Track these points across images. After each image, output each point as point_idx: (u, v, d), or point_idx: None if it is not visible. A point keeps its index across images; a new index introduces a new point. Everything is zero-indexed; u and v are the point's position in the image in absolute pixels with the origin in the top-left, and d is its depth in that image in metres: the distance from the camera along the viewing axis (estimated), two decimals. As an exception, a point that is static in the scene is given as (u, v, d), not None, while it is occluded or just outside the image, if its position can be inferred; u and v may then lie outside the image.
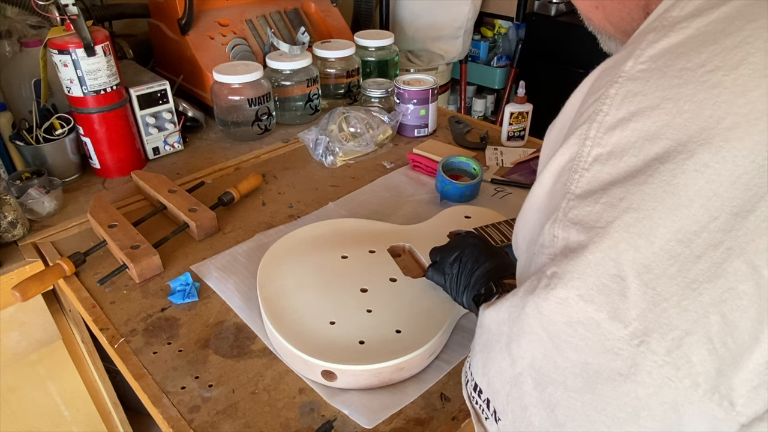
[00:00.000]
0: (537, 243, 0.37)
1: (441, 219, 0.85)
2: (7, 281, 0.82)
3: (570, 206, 0.34)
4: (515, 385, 0.37)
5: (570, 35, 2.03)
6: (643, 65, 0.33)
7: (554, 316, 0.33)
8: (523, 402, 0.37)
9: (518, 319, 0.36)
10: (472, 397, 0.44)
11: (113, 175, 1.05)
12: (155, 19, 1.29)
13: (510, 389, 0.38)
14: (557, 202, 0.35)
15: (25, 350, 0.90)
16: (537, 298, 0.34)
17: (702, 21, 0.32)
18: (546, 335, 0.34)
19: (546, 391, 0.35)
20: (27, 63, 1.04)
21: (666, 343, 0.30)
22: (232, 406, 0.62)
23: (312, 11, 1.42)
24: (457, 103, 2.38)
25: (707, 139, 0.30)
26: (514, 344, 0.37)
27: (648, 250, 0.30)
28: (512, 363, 0.37)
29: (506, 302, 0.38)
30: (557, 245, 0.34)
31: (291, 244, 0.78)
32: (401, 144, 1.18)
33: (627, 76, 0.33)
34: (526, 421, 0.37)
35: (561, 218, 0.34)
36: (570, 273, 0.33)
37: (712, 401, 0.30)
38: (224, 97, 1.13)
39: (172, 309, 0.75)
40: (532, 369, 0.36)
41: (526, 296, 0.35)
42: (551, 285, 0.33)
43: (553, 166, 0.37)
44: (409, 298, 0.70)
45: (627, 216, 0.31)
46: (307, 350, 0.62)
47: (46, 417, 0.98)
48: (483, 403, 0.42)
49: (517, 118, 1.14)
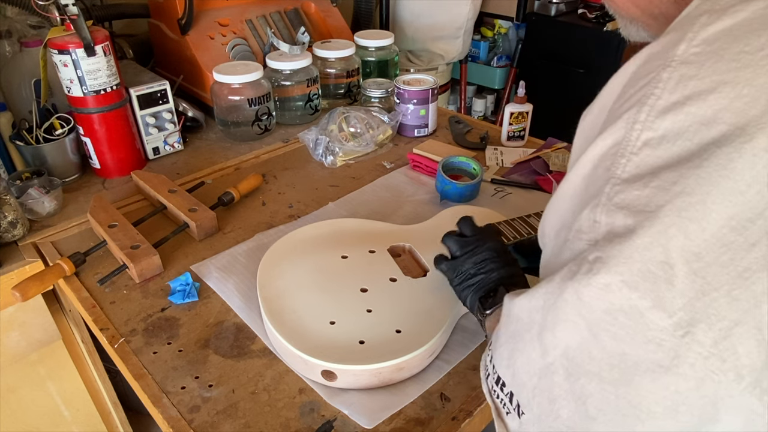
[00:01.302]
0: (572, 229, 0.36)
1: (441, 219, 0.85)
2: (7, 281, 0.82)
3: (616, 191, 0.33)
4: (544, 376, 0.36)
5: (570, 35, 2.03)
6: (697, 48, 0.32)
7: (595, 302, 0.32)
8: (551, 394, 0.36)
9: (554, 306, 0.35)
10: (493, 391, 0.43)
11: (113, 175, 1.05)
12: (155, 19, 1.29)
13: (538, 381, 0.37)
14: (598, 187, 0.34)
15: (25, 350, 0.90)
16: (577, 284, 0.33)
17: (759, 4, 0.31)
18: (583, 323, 0.33)
19: (578, 382, 0.34)
20: (27, 63, 1.04)
21: (713, 333, 0.29)
22: (232, 406, 0.62)
23: (312, 11, 1.42)
24: (457, 103, 2.38)
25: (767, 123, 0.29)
26: (548, 333, 0.36)
27: (699, 237, 0.29)
28: (543, 353, 0.36)
29: (540, 289, 0.37)
30: (599, 230, 0.33)
31: (291, 244, 0.78)
32: (401, 144, 1.18)
33: (680, 60, 0.32)
34: (553, 414, 0.36)
35: (605, 203, 0.33)
36: (615, 258, 0.31)
37: (753, 395, 0.29)
38: (224, 97, 1.13)
39: (172, 309, 0.75)
40: (564, 359, 0.35)
41: (564, 282, 0.34)
42: (594, 270, 0.32)
43: (594, 151, 0.36)
44: (409, 298, 0.69)
45: (679, 200, 0.30)
46: (307, 350, 0.62)
47: (46, 417, 0.98)
48: (505, 397, 0.41)
49: (517, 118, 1.14)
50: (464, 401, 0.62)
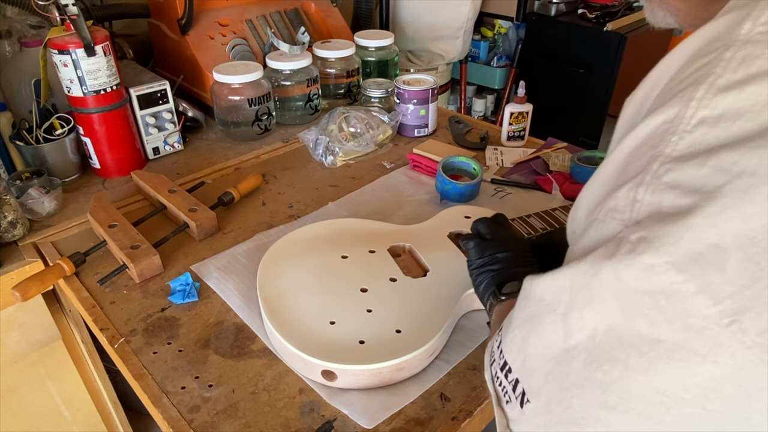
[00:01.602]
0: (603, 208, 0.35)
1: (441, 219, 0.85)
2: (7, 281, 0.82)
3: (665, 169, 0.31)
4: (562, 361, 0.35)
5: (570, 35, 2.03)
6: (763, 27, 0.31)
7: (635, 283, 0.31)
8: (565, 382, 0.35)
9: (586, 287, 0.34)
10: (496, 378, 0.42)
11: (113, 175, 1.05)
12: (155, 19, 1.29)
13: (553, 367, 0.36)
14: (641, 165, 0.33)
15: (25, 350, 0.90)
16: (618, 264, 0.31)
17: None
18: (617, 306, 0.32)
19: (601, 369, 0.33)
20: (27, 63, 1.04)
21: (762, 323, 0.28)
22: (232, 406, 0.62)
23: (312, 11, 1.42)
24: (457, 103, 2.38)
25: None
26: (574, 314, 0.34)
27: (757, 221, 0.28)
28: (566, 336, 0.35)
29: (568, 270, 0.36)
30: (641, 210, 0.32)
31: (291, 244, 0.78)
32: (401, 144, 1.18)
33: (745, 39, 0.32)
34: (564, 403, 0.35)
35: (650, 181, 0.32)
36: (663, 238, 0.30)
37: None
38: (224, 97, 1.13)
39: (172, 309, 0.75)
40: (590, 342, 0.33)
41: (599, 261, 0.33)
42: (638, 250, 0.31)
43: (640, 130, 0.34)
44: (409, 298, 0.69)
45: (740, 181, 0.29)
46: (307, 350, 0.62)
47: (46, 417, 0.98)
48: (509, 385, 0.40)
49: (517, 118, 1.14)
50: (464, 401, 0.62)
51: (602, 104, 2.01)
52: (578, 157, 1.00)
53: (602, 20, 1.97)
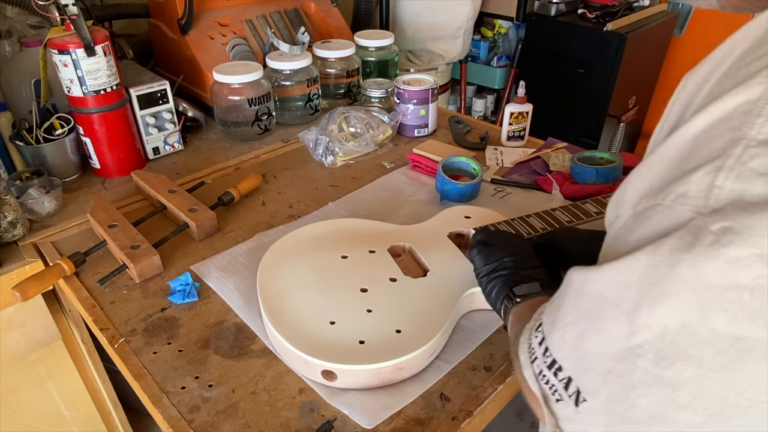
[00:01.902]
0: (671, 193, 0.32)
1: (441, 219, 0.85)
2: (7, 281, 0.82)
3: (751, 153, 0.29)
4: (625, 360, 0.33)
5: (570, 35, 2.03)
6: None
7: (716, 277, 0.29)
8: (630, 380, 0.33)
9: (661, 281, 0.31)
10: (541, 377, 0.40)
11: (113, 175, 1.05)
12: (155, 19, 1.29)
13: (614, 365, 0.34)
14: (719, 148, 0.31)
15: (25, 350, 0.90)
16: (699, 257, 0.29)
17: None
18: (695, 301, 0.30)
19: (672, 368, 0.31)
20: (27, 63, 1.04)
21: None
22: (232, 406, 0.62)
23: (312, 11, 1.42)
24: (457, 103, 2.38)
25: None
26: (644, 311, 0.32)
27: None
28: (631, 333, 0.33)
29: (636, 262, 0.33)
30: (719, 197, 0.30)
31: (291, 244, 0.78)
32: (401, 144, 1.18)
33: None
34: (628, 402, 0.34)
35: (733, 166, 0.29)
36: (751, 229, 0.28)
37: None
38: (224, 97, 1.13)
39: (172, 309, 0.75)
40: (660, 341, 0.31)
41: (677, 254, 0.30)
42: (722, 242, 0.29)
43: (714, 110, 0.32)
44: (409, 298, 0.69)
45: None
46: (307, 350, 0.62)
47: (46, 417, 0.98)
48: (559, 383, 0.38)
49: (517, 118, 1.14)
50: (464, 401, 0.62)
51: (602, 104, 2.01)
52: (578, 157, 1.00)
53: (602, 20, 1.96)
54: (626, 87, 2.06)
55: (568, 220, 0.81)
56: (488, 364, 0.67)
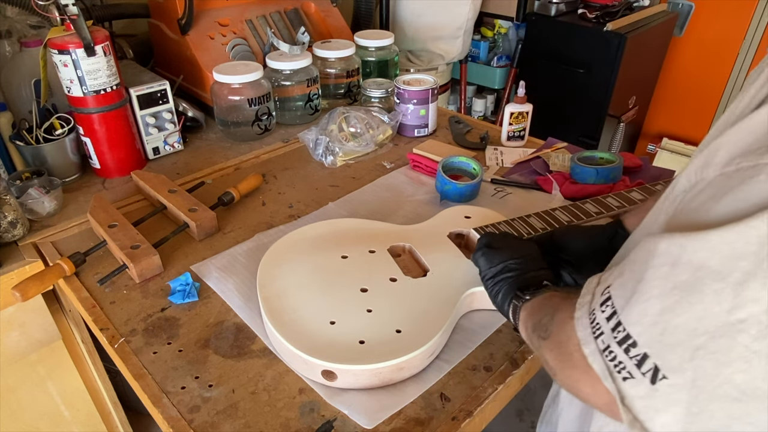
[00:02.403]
0: None
1: (441, 219, 0.85)
2: (7, 281, 0.82)
3: None
4: (723, 336, 0.32)
5: (570, 35, 2.03)
6: None
7: None
8: (727, 356, 0.32)
9: None
10: (608, 352, 0.38)
11: (113, 175, 1.05)
12: (155, 19, 1.29)
13: (706, 341, 0.32)
14: None
15: (25, 350, 0.90)
16: None
17: None
18: None
19: None
20: (27, 63, 1.04)
21: None
22: (232, 406, 0.62)
23: (312, 11, 1.42)
24: (457, 103, 2.38)
25: None
26: (755, 283, 0.30)
27: None
28: (733, 307, 0.31)
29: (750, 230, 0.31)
30: None
31: (291, 244, 0.78)
32: (401, 144, 1.18)
33: None
34: (720, 378, 0.32)
35: None
36: None
37: None
38: (224, 97, 1.13)
39: (172, 309, 0.75)
40: (765, 315, 0.30)
41: None
42: None
43: None
44: (409, 298, 0.69)
45: None
46: (307, 350, 0.62)
47: (46, 417, 0.98)
48: (629, 360, 0.37)
49: (517, 118, 1.14)
50: (464, 401, 0.62)
51: (602, 104, 2.01)
52: (578, 157, 1.00)
53: (602, 20, 1.96)
54: (626, 87, 2.06)
55: (568, 220, 0.81)
56: (488, 364, 0.67)
